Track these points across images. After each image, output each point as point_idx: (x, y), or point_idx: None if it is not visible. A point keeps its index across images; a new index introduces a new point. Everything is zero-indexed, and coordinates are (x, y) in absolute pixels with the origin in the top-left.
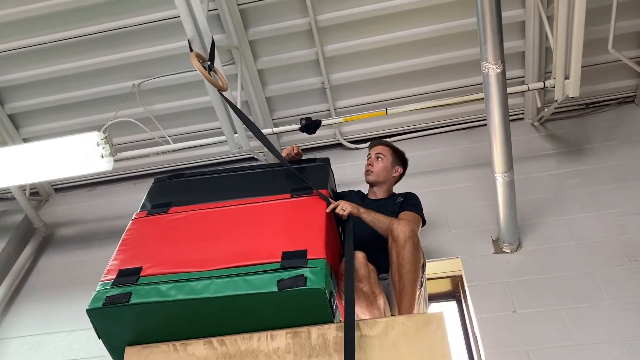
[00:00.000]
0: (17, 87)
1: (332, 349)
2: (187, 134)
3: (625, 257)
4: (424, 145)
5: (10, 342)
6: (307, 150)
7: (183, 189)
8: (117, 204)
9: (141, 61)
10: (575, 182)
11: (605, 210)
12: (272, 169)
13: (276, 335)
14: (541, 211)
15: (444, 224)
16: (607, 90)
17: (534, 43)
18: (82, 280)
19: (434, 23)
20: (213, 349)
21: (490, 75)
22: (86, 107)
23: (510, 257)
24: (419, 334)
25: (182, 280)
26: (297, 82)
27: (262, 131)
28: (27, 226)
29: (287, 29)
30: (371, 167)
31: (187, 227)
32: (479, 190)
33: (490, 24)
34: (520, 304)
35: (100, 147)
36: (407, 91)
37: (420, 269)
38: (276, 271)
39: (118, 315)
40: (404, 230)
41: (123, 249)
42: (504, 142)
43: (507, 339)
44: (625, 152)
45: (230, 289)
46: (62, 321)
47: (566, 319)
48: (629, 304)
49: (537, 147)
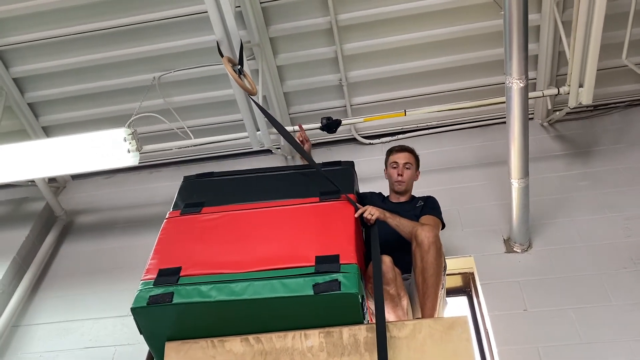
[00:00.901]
0: (37, 77)
1: (363, 349)
2: (207, 125)
3: (630, 259)
4: (437, 142)
5: (37, 328)
6: (322, 145)
7: (214, 189)
8: (134, 193)
9: (162, 55)
10: (583, 184)
11: (611, 213)
12: (300, 171)
13: (310, 335)
14: (551, 212)
15: (457, 222)
16: (616, 93)
17: (547, 47)
18: (104, 268)
19: (451, 25)
20: (249, 345)
21: (514, 89)
22: (105, 98)
23: (521, 256)
24: (444, 337)
25: (221, 281)
26: (314, 78)
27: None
28: (49, 214)
29: (307, 27)
30: (402, 177)
31: (222, 228)
32: (490, 189)
33: (517, 42)
34: (531, 302)
35: (127, 143)
36: (422, 89)
37: (443, 272)
38: (311, 275)
39: (160, 314)
40: (428, 235)
41: (160, 249)
42: (522, 150)
43: (518, 336)
44: (632, 155)
45: (268, 291)
46: (88, 309)
47: (574, 318)
48: (633, 305)
49: (547, 148)
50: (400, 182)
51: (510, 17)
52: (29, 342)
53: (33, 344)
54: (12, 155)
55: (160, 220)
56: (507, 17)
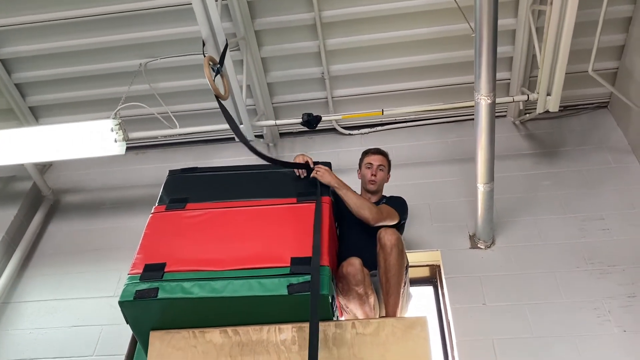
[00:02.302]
0: (25, 58)
1: (331, 343)
2: (192, 111)
3: (584, 259)
4: (411, 135)
5: (27, 305)
6: (303, 134)
7: (198, 185)
8: (121, 174)
9: (148, 42)
10: (547, 184)
11: (570, 214)
12: (280, 171)
13: (283, 329)
14: (515, 210)
15: (427, 216)
16: (584, 95)
17: (521, 50)
18: (91, 248)
19: (429, 26)
20: (228, 337)
21: (482, 104)
22: (92, 82)
23: (484, 253)
24: (405, 335)
25: (203, 278)
26: (298, 70)
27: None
28: (36, 193)
29: (292, 22)
30: (375, 177)
31: (204, 226)
32: (460, 185)
33: (486, 61)
34: (490, 297)
35: (114, 133)
36: (400, 85)
37: (405, 271)
38: (286, 276)
39: (146, 307)
40: (391, 239)
41: (146, 244)
42: (488, 159)
43: (476, 328)
44: (594, 158)
45: (246, 290)
46: (75, 288)
47: (528, 314)
48: (582, 303)
49: (516, 146)
50: (373, 182)
51: (480, 40)
52: (19, 318)
53: (22, 320)
54: (2, 140)
55: (146, 202)
56: (477, 40)
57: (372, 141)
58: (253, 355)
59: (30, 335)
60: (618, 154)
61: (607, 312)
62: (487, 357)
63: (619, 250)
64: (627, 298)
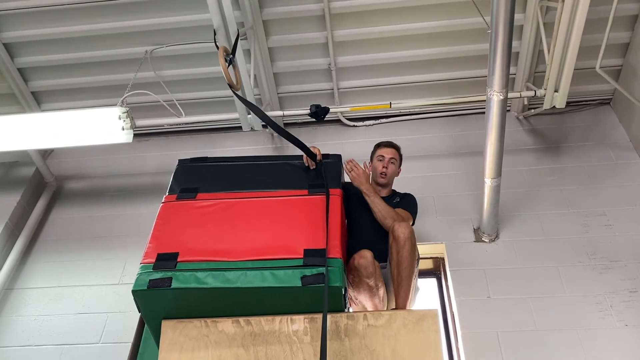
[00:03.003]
0: (28, 43)
1: (343, 334)
2: (197, 99)
3: (586, 254)
4: (416, 128)
5: (31, 292)
6: (307, 124)
7: (208, 175)
8: (124, 161)
9: (154, 30)
10: (550, 179)
11: (573, 209)
12: (289, 162)
13: (295, 320)
14: (519, 205)
15: (432, 209)
16: (588, 92)
17: (528, 46)
18: (94, 236)
19: (439, 19)
20: (240, 327)
21: (494, 100)
22: (96, 68)
23: (488, 246)
24: (416, 327)
25: (217, 269)
26: (304, 61)
27: (278, 125)
28: (39, 179)
29: (301, 12)
30: (386, 170)
31: (216, 216)
32: (465, 179)
33: (500, 58)
34: (494, 290)
35: (122, 121)
36: (407, 78)
37: (416, 264)
38: (299, 267)
39: (159, 296)
40: (405, 232)
41: (158, 234)
42: (497, 154)
43: (481, 320)
44: (596, 154)
45: (260, 280)
46: (80, 275)
47: (531, 307)
48: (584, 297)
49: (520, 141)
50: (384, 174)
51: (496, 37)
52: (24, 305)
53: (28, 307)
54: (7, 126)
55: (149, 190)
56: (493, 37)
57: (377, 133)
58: (265, 345)
59: (35, 321)
60: (620, 151)
61: (609, 307)
62: (491, 350)
63: (621, 246)
64: (628, 293)
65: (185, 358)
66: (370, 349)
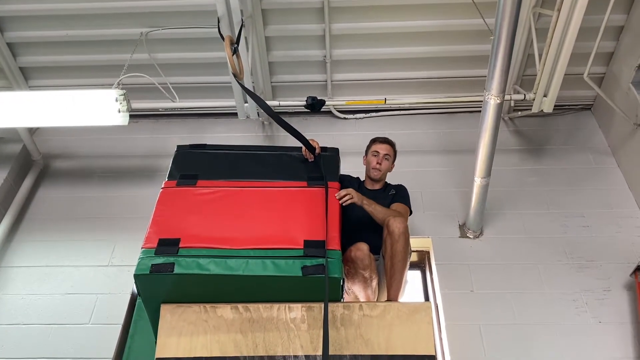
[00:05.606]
0: (18, 18)
1: (339, 323)
2: (191, 84)
3: (565, 253)
4: (405, 124)
5: (18, 270)
6: (298, 114)
7: (207, 162)
8: (112, 142)
9: (151, 12)
10: (533, 180)
11: (554, 210)
12: (288, 154)
13: (293, 308)
14: (502, 203)
15: (420, 204)
16: (571, 97)
17: (518, 50)
18: (82, 216)
19: (437, 18)
20: (239, 313)
21: (491, 104)
22: (88, 47)
23: (472, 242)
24: (410, 319)
25: (218, 256)
26: (300, 52)
27: (280, 117)
28: (26, 156)
29: (300, 3)
30: (380, 165)
31: (217, 204)
32: (451, 176)
33: (501, 63)
34: (477, 284)
35: (118, 103)
36: (401, 74)
37: (408, 257)
38: (300, 258)
39: (160, 281)
40: (399, 226)
41: (158, 219)
42: (489, 155)
43: (464, 313)
44: (577, 157)
45: (261, 269)
46: (67, 256)
47: (512, 302)
48: (562, 294)
49: (505, 142)
50: (377, 169)
51: (498, 43)
52: (10, 283)
53: (15, 285)
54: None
55: (137, 173)
56: (495, 42)
57: (367, 127)
58: (263, 331)
59: (23, 300)
60: (599, 155)
61: (584, 304)
62: (474, 342)
63: (597, 247)
64: (602, 292)
65: (184, 342)
66: (365, 338)
